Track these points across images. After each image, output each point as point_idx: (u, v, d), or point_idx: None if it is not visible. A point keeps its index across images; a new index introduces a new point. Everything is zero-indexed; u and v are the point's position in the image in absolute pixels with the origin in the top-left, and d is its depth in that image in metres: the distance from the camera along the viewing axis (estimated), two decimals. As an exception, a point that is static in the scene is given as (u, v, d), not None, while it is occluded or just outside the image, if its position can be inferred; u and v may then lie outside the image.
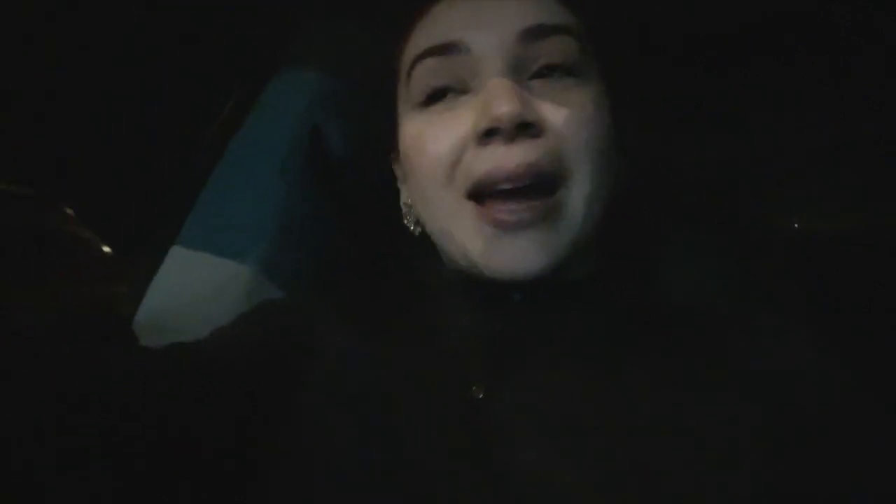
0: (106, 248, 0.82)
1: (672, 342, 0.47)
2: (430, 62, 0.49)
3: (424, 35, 0.50)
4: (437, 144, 0.48)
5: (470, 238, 0.48)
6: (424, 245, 0.55)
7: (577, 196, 0.47)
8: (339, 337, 0.52)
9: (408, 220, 0.58)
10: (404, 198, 0.58)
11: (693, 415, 0.43)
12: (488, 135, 0.45)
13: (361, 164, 0.74)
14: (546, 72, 0.48)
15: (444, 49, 0.48)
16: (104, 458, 0.37)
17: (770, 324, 0.49)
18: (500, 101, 0.44)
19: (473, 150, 0.47)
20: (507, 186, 0.46)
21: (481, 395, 0.46)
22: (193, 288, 0.67)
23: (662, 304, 0.53)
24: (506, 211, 0.46)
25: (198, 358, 0.46)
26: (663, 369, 0.45)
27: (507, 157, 0.45)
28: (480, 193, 0.47)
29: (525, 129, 0.45)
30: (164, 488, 0.39)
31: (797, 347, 0.47)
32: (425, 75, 0.50)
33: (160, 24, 0.85)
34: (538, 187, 0.46)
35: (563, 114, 0.46)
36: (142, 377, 0.41)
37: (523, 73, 0.48)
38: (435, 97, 0.49)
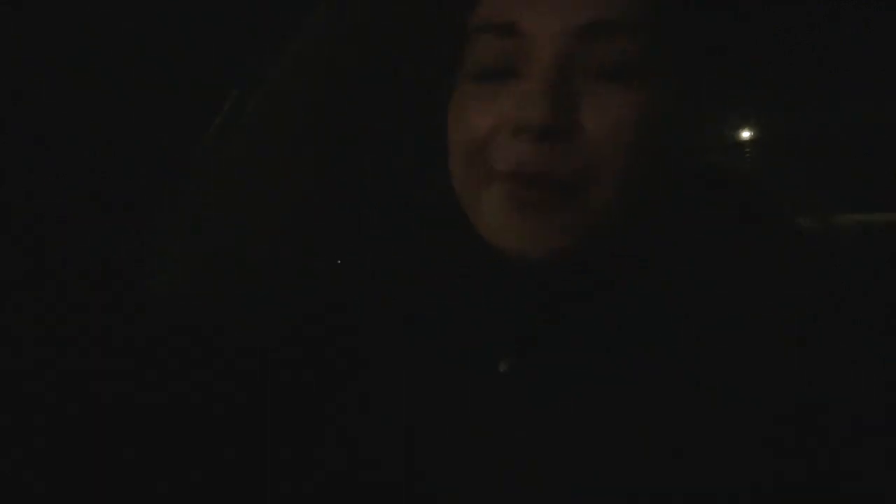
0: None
1: (698, 335, 0.47)
2: (486, 38, 0.49)
3: (489, 7, 0.50)
4: (473, 124, 0.48)
5: (486, 212, 0.48)
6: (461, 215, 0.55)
7: (603, 200, 0.46)
8: (373, 306, 0.54)
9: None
10: None
11: (710, 412, 0.43)
12: (518, 132, 0.45)
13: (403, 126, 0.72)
14: (600, 71, 0.46)
15: (501, 28, 0.48)
16: None
17: (796, 325, 0.50)
18: (534, 104, 0.44)
19: (504, 139, 0.46)
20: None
21: (503, 370, 0.48)
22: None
23: (692, 297, 0.52)
24: (525, 194, 0.46)
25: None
26: (691, 362, 0.46)
27: (533, 157, 0.45)
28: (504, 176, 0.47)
29: (556, 132, 0.44)
30: None
31: (824, 352, 0.46)
32: (480, 51, 0.49)
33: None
34: (560, 184, 0.46)
35: (604, 121, 0.45)
36: None
37: (575, 68, 0.46)
38: (487, 76, 0.49)
